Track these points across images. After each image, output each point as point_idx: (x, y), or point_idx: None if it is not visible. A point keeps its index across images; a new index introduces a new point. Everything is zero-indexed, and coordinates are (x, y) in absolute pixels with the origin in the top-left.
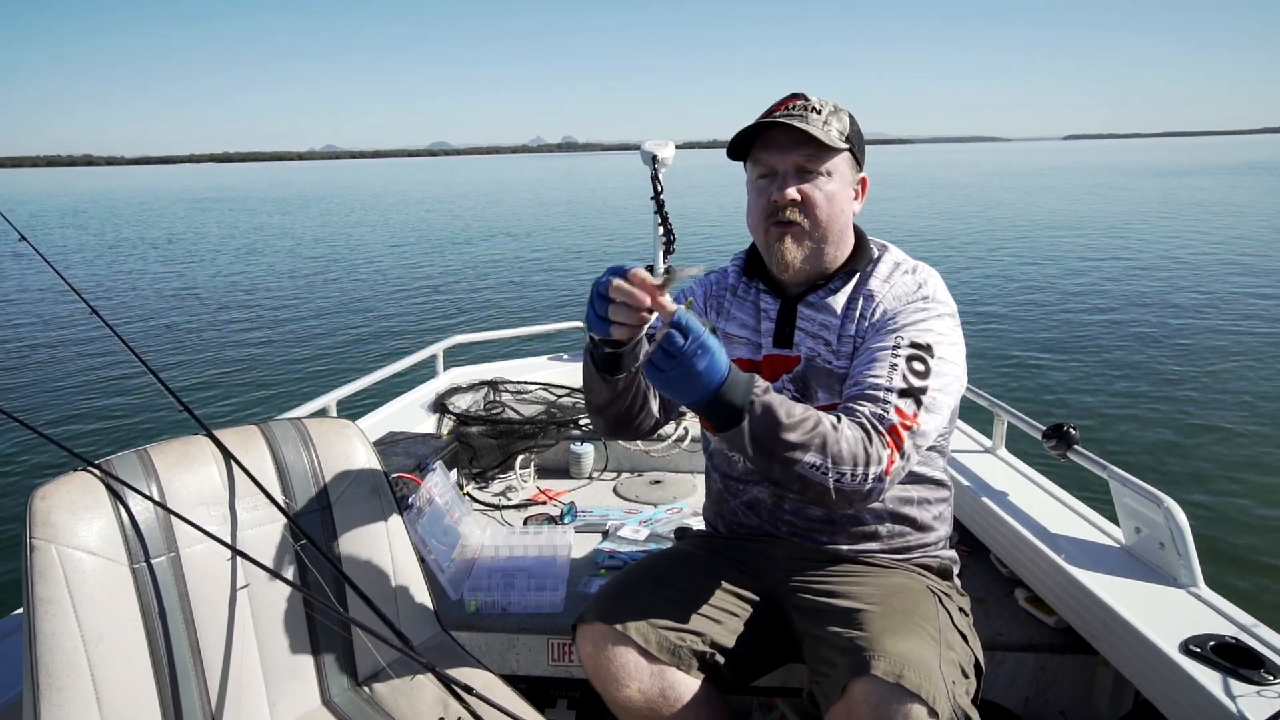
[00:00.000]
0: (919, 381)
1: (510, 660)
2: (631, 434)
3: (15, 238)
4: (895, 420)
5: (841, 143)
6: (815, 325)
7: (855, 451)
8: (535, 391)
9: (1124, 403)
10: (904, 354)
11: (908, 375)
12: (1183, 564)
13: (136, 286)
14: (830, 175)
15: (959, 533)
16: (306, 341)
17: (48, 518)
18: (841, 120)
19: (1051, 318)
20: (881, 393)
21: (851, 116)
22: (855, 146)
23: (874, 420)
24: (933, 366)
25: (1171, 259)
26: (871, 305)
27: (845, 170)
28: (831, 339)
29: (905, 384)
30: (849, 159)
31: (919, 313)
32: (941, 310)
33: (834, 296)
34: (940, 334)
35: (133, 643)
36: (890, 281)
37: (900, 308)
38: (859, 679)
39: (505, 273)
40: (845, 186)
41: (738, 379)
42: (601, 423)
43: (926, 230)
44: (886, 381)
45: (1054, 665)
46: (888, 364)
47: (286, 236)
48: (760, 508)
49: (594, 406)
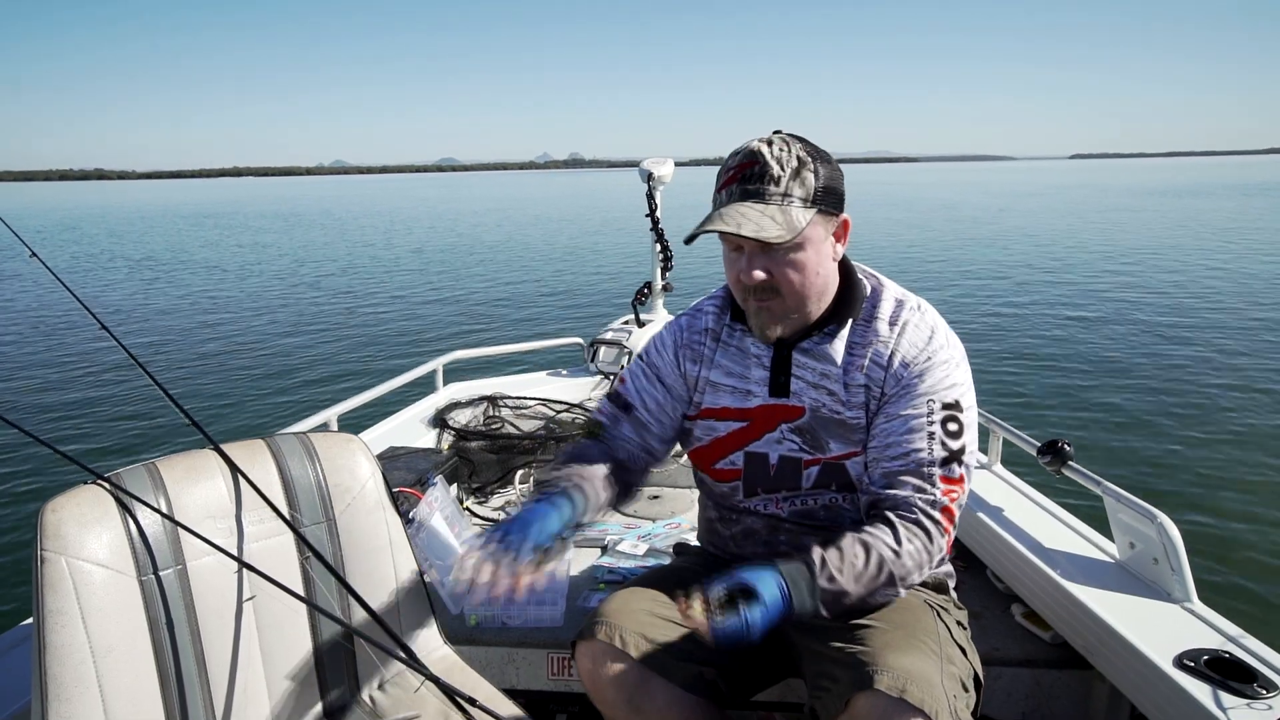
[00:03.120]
0: (956, 444)
1: (510, 674)
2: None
3: (26, 253)
4: (946, 501)
5: (805, 210)
6: (815, 375)
7: (920, 561)
8: (534, 407)
9: (1118, 419)
10: (938, 418)
11: (945, 441)
12: (1176, 579)
13: (144, 302)
14: (800, 247)
15: (955, 548)
16: (307, 357)
17: (58, 530)
18: (804, 182)
19: (1047, 335)
20: (926, 467)
21: (820, 163)
22: (828, 200)
23: (927, 509)
24: (963, 421)
25: (1168, 277)
26: (885, 354)
27: (818, 231)
28: (836, 389)
29: (946, 451)
30: (821, 218)
31: (941, 368)
32: (958, 358)
33: (831, 344)
34: (963, 385)
35: (140, 654)
36: (898, 325)
37: (920, 361)
38: (862, 694)
39: (505, 289)
40: (818, 247)
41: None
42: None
43: (921, 247)
44: (929, 454)
45: (1050, 680)
46: (925, 433)
47: (290, 252)
48: (755, 539)
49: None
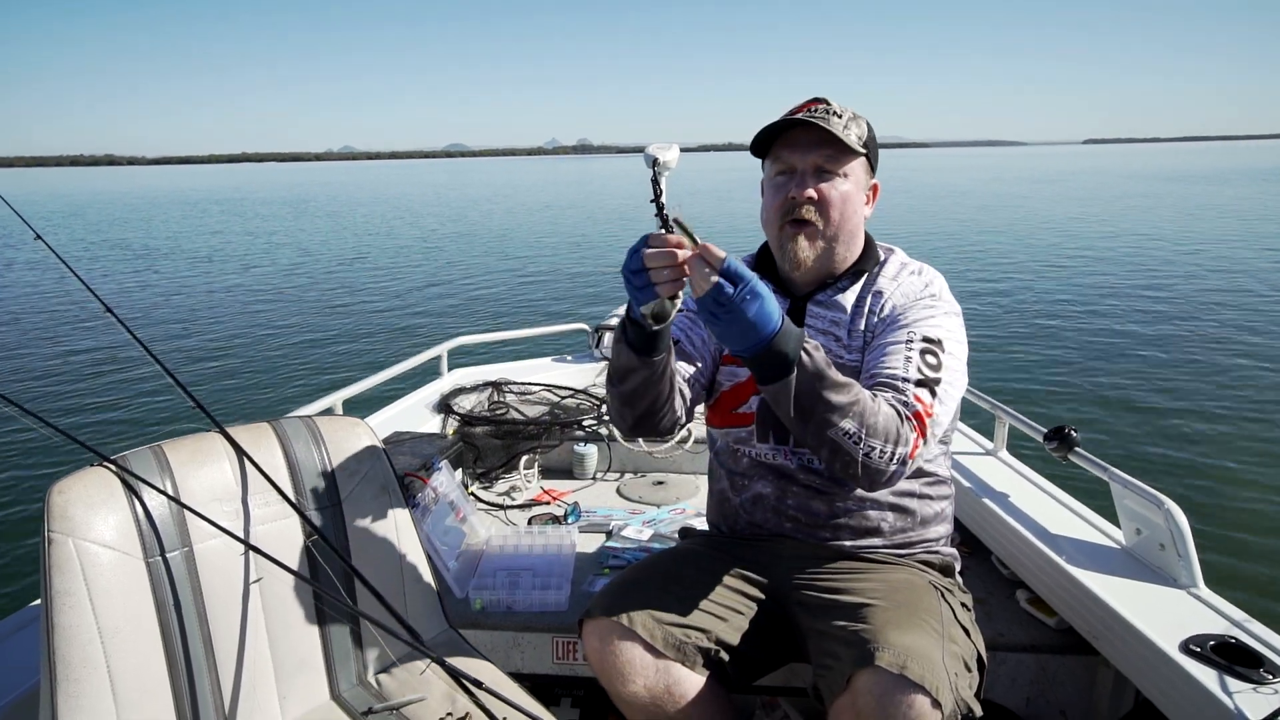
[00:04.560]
0: (932, 373)
1: (515, 658)
2: (654, 428)
3: (31, 236)
4: (918, 407)
5: (859, 147)
6: (825, 322)
7: (889, 428)
8: (539, 392)
9: (1125, 405)
10: (917, 347)
11: (922, 367)
12: (1183, 565)
13: (150, 286)
14: (847, 177)
15: (960, 534)
16: (312, 341)
17: (65, 511)
18: (860, 126)
19: (1053, 321)
20: (899, 381)
21: (869, 124)
22: (871, 153)
23: (900, 405)
24: (943, 360)
25: (1175, 262)
26: (880, 301)
27: (861, 174)
28: (841, 334)
29: (920, 375)
30: (865, 164)
31: (928, 309)
32: (948, 309)
33: (843, 295)
34: (948, 330)
35: (147, 635)
36: (898, 280)
37: (909, 304)
38: (863, 670)
39: (510, 274)
40: (859, 190)
41: (790, 330)
42: (629, 414)
43: (931, 233)
44: (904, 371)
45: (1055, 665)
46: (903, 355)
47: (297, 237)
48: (764, 504)
49: (623, 396)
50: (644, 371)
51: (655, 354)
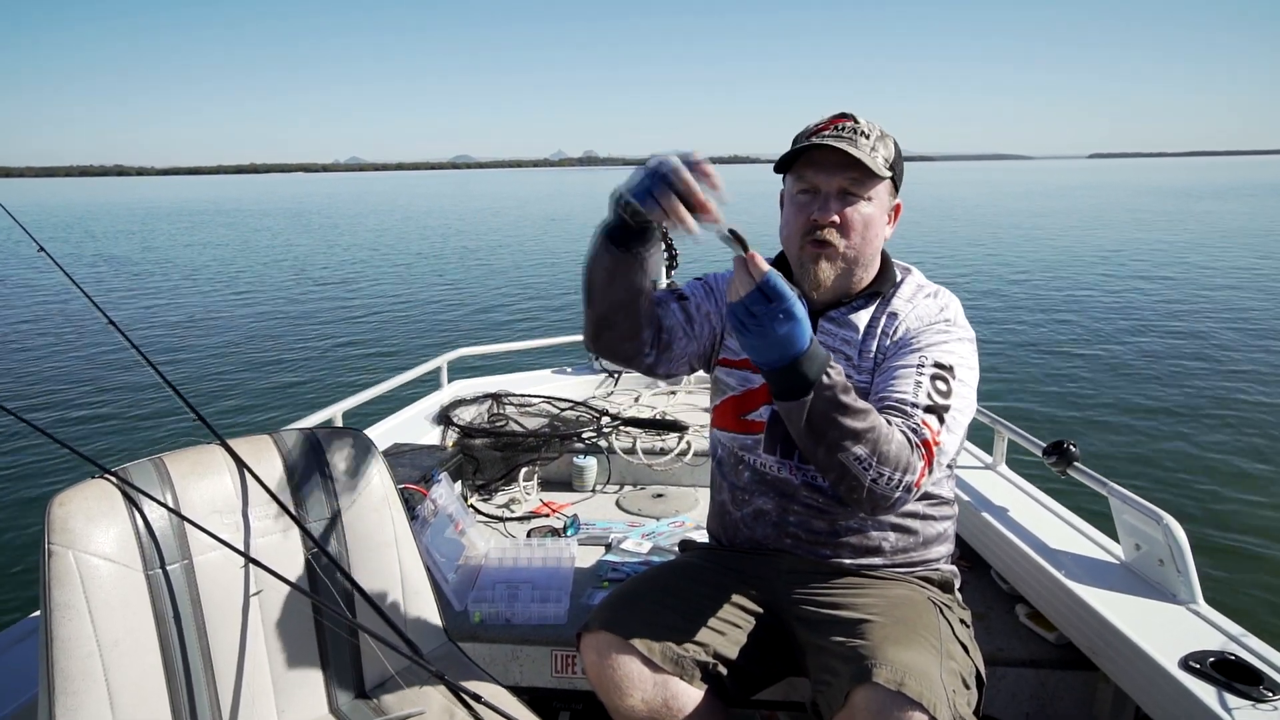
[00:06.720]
0: (942, 400)
1: (514, 671)
2: (613, 345)
3: (35, 248)
4: (926, 434)
5: (885, 170)
6: (837, 340)
7: (899, 456)
8: (539, 405)
9: (1124, 420)
10: (928, 372)
11: (932, 393)
12: (1182, 580)
13: (152, 298)
14: (871, 200)
15: (960, 548)
16: (312, 353)
17: (65, 524)
18: (887, 147)
19: (1053, 335)
20: (909, 407)
21: (896, 143)
22: (896, 174)
23: (909, 432)
24: (954, 387)
25: (1173, 278)
26: (894, 323)
27: (884, 196)
28: (853, 354)
29: (930, 401)
30: (889, 186)
31: (941, 334)
32: (962, 335)
33: (857, 314)
34: (960, 357)
35: (146, 648)
36: (913, 302)
37: (923, 328)
38: (861, 687)
39: (510, 286)
40: (882, 212)
41: (816, 354)
42: (590, 314)
43: (934, 246)
44: (913, 397)
45: (1054, 681)
46: (913, 380)
47: (299, 249)
48: (765, 520)
49: (587, 286)
50: (607, 260)
51: (621, 248)
